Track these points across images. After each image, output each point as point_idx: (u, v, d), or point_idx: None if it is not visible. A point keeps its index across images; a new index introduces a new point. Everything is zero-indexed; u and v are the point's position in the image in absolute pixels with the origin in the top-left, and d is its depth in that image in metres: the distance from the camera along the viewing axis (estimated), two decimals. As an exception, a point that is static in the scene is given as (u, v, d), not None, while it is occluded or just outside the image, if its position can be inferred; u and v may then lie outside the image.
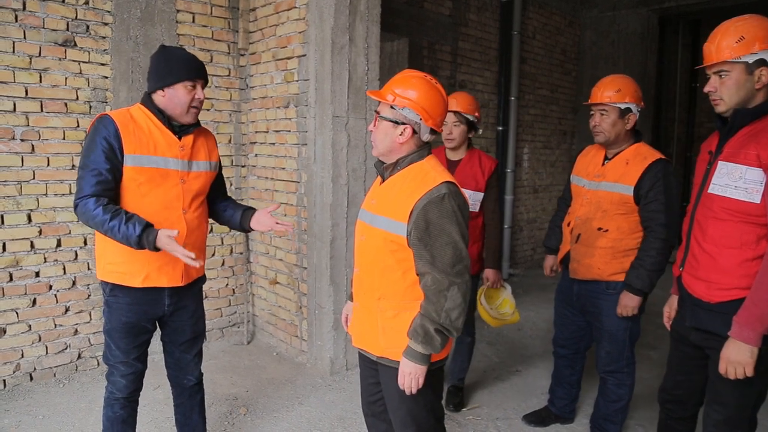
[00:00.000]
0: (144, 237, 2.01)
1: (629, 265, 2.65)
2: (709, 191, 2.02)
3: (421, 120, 1.87)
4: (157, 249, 2.02)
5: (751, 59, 1.87)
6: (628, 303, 2.59)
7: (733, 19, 1.95)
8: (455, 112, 3.12)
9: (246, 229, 2.50)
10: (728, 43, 1.90)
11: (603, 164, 2.75)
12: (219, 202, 2.54)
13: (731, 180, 1.94)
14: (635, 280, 2.56)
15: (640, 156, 2.63)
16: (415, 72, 1.93)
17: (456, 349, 3.50)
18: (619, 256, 2.67)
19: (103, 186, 2.08)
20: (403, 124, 1.87)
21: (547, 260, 3.15)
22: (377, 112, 1.94)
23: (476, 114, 3.19)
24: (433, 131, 1.92)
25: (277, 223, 2.40)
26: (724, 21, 1.97)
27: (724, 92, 1.94)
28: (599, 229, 2.70)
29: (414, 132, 1.88)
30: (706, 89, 2.01)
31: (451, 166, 3.24)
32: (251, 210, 2.50)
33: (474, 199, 3.20)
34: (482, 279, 3.31)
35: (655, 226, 2.53)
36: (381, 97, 1.90)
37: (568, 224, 2.90)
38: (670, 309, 2.35)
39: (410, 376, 1.84)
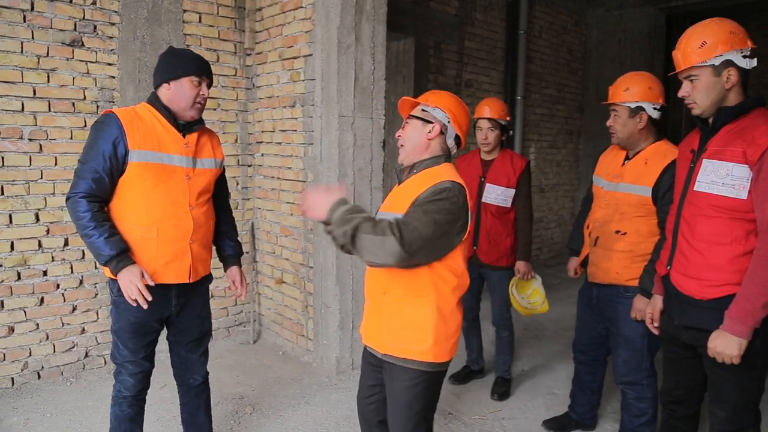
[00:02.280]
0: (116, 260, 2.08)
1: None
2: (695, 189, 2.05)
3: (449, 122, 1.98)
4: (115, 273, 2.10)
5: (716, 62, 1.94)
6: (641, 306, 2.48)
7: (696, 25, 2.03)
8: (489, 119, 3.36)
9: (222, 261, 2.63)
10: (692, 49, 1.98)
11: (623, 164, 2.68)
12: (218, 216, 2.55)
13: (718, 177, 1.97)
14: (648, 284, 2.45)
15: (660, 154, 2.55)
16: (446, 91, 2.12)
17: (497, 345, 3.67)
18: (638, 260, 2.57)
19: (98, 186, 2.13)
20: (432, 122, 1.98)
21: (570, 262, 3.11)
22: (408, 116, 2.06)
23: (508, 118, 3.42)
24: (457, 140, 2.03)
25: (238, 287, 2.56)
26: (688, 28, 2.05)
27: (697, 96, 2.01)
28: (617, 232, 2.63)
29: (441, 132, 1.99)
30: (680, 94, 2.07)
31: (485, 165, 3.48)
32: (236, 258, 2.60)
33: (506, 195, 3.42)
34: (514, 270, 3.49)
35: None
36: (416, 99, 2.05)
37: (587, 227, 2.86)
38: (653, 310, 2.34)
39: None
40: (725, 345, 1.89)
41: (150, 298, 2.08)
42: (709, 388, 2.15)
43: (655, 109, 2.57)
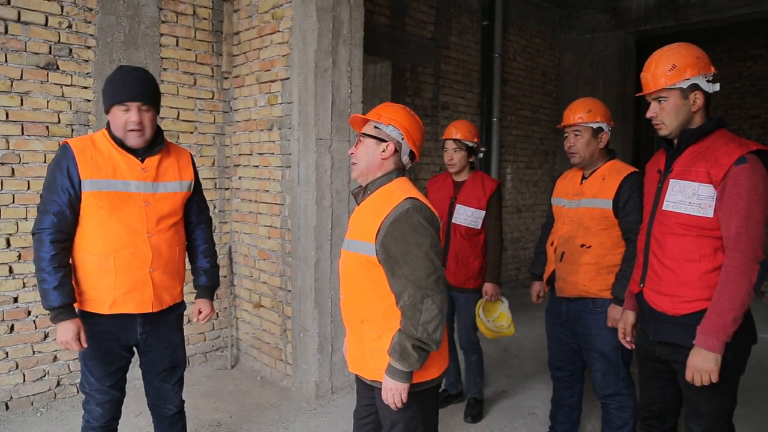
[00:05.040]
0: (57, 311, 2.10)
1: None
2: (663, 208, 2.12)
3: (403, 139, 1.96)
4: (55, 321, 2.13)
5: (684, 85, 2.03)
6: (616, 315, 2.57)
7: (664, 49, 2.10)
8: (455, 140, 3.39)
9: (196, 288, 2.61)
10: (662, 72, 2.05)
11: (581, 183, 2.82)
12: (196, 241, 2.53)
13: (684, 197, 2.04)
14: (620, 291, 2.56)
15: (615, 171, 2.71)
16: (397, 103, 2.07)
17: (467, 368, 3.65)
18: (603, 272, 2.68)
19: (60, 219, 2.13)
20: (386, 141, 1.95)
21: (534, 287, 3.17)
22: (360, 134, 2.01)
23: (475, 140, 3.43)
24: (411, 156, 2.01)
25: (202, 315, 2.54)
26: (656, 51, 2.12)
27: (665, 117, 2.09)
28: (582, 245, 2.73)
29: (395, 150, 1.96)
30: (648, 115, 2.14)
31: (456, 186, 3.50)
32: (207, 290, 2.57)
33: (476, 216, 3.42)
34: (482, 292, 3.48)
35: (634, 236, 2.56)
36: (367, 117, 2.01)
37: (552, 244, 2.93)
38: (625, 325, 2.41)
39: (391, 392, 1.86)
40: (702, 361, 1.92)
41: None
42: (684, 403, 2.18)
43: (610, 130, 2.76)
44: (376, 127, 1.98)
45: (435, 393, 2.05)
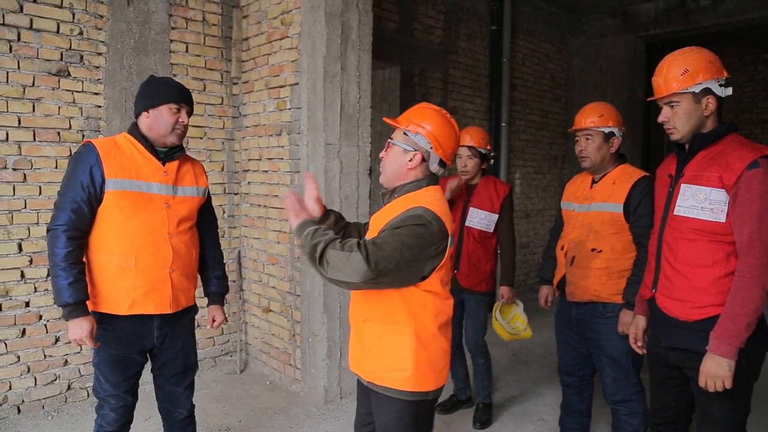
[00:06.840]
0: (71, 308, 2.09)
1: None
2: (675, 213, 2.10)
3: (432, 149, 1.90)
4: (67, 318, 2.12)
5: (697, 89, 2.01)
6: (628, 320, 2.55)
7: (676, 52, 2.09)
8: (469, 147, 3.40)
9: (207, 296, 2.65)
10: (674, 76, 2.03)
11: (591, 187, 2.80)
12: (205, 247, 2.55)
13: (696, 201, 2.03)
14: (631, 296, 2.54)
15: (626, 175, 2.70)
16: (432, 105, 2.00)
17: (474, 372, 3.66)
18: (614, 276, 2.67)
19: (77, 216, 2.13)
20: (413, 150, 1.91)
21: (542, 291, 3.15)
22: (390, 139, 1.98)
23: (488, 147, 3.46)
24: (442, 163, 1.95)
25: (216, 323, 2.61)
26: (668, 54, 2.11)
27: (677, 121, 2.07)
28: (593, 249, 2.71)
29: (423, 160, 1.91)
30: (660, 119, 2.13)
31: (469, 189, 3.51)
32: (219, 296, 2.61)
33: (489, 219, 3.44)
34: (497, 296, 3.52)
35: (645, 241, 2.53)
36: (396, 123, 1.96)
37: (562, 248, 2.91)
38: (636, 330, 2.40)
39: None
40: (716, 367, 1.91)
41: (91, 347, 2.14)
42: (696, 410, 2.17)
43: (621, 135, 2.74)
44: (405, 134, 1.92)
45: (430, 408, 2.00)
